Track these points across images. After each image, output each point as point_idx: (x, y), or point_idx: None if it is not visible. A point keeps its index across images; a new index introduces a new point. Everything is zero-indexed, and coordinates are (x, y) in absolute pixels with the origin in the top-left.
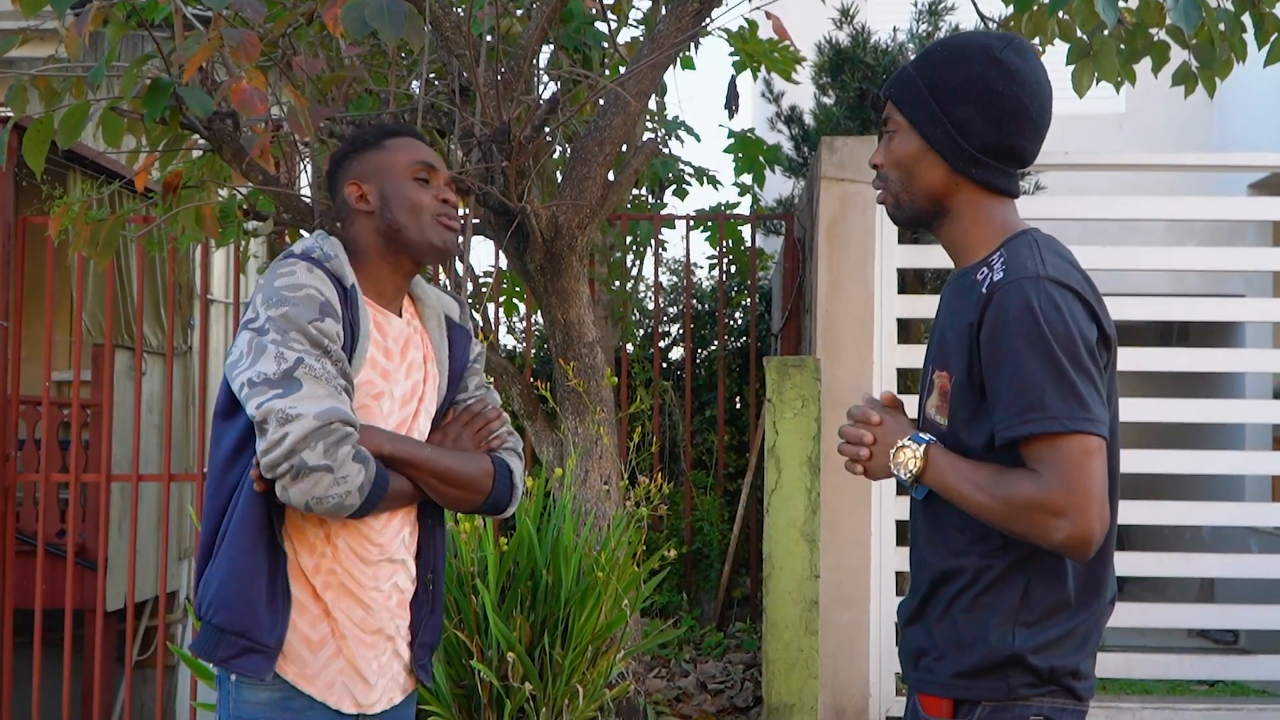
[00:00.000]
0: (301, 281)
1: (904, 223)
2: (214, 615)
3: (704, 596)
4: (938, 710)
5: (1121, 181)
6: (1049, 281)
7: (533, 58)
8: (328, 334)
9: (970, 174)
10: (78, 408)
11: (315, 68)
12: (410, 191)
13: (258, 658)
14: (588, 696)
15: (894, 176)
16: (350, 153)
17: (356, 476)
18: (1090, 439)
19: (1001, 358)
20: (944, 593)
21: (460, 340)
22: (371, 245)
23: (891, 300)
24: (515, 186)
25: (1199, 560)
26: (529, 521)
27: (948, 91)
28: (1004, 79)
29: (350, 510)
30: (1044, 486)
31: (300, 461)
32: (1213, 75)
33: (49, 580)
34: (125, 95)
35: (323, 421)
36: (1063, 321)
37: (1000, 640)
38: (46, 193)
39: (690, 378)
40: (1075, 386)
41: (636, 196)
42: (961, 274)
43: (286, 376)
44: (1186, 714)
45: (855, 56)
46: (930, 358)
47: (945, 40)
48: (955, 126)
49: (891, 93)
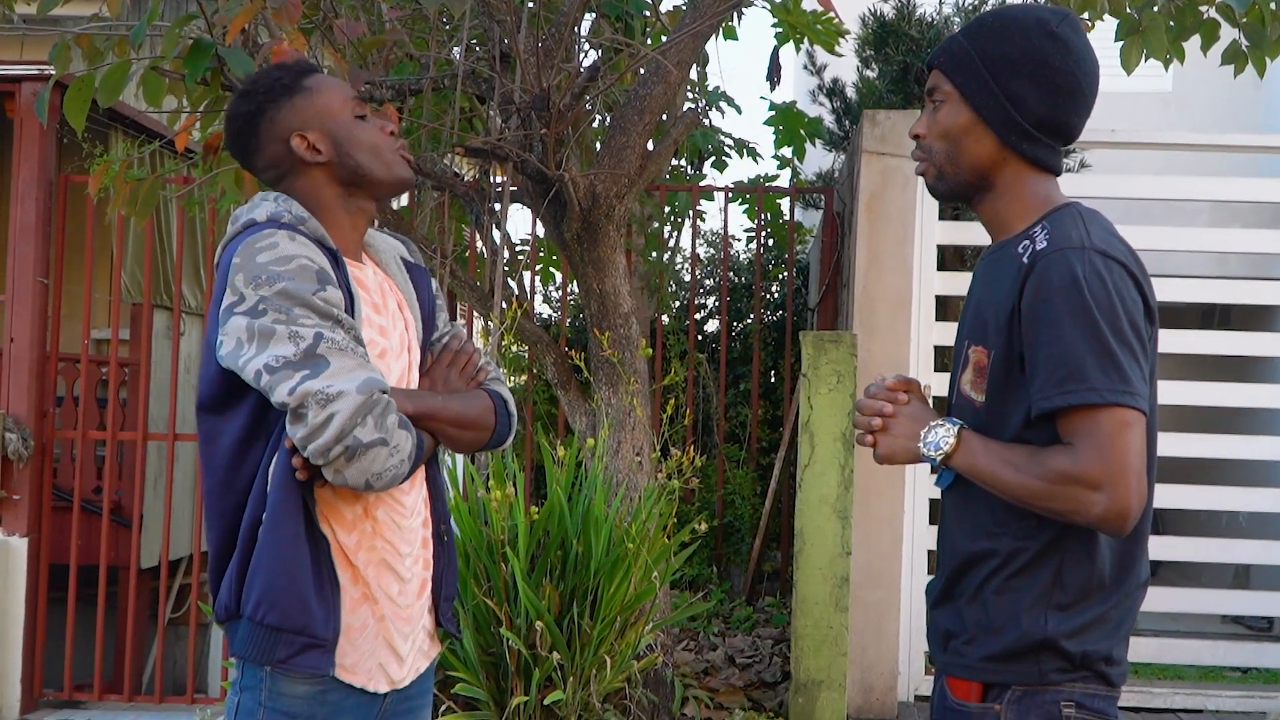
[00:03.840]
0: (289, 252)
1: (945, 196)
2: (266, 615)
3: (734, 570)
4: (966, 693)
5: (1167, 161)
6: (1094, 252)
7: (574, 25)
8: (333, 303)
9: (1020, 148)
10: (115, 366)
11: (356, 31)
12: (362, 133)
13: (318, 653)
14: (615, 667)
15: (939, 148)
16: (268, 104)
17: (407, 444)
18: (1129, 412)
19: (1042, 327)
20: (974, 575)
21: (422, 279)
22: (330, 196)
23: (930, 277)
24: (554, 154)
25: (1235, 546)
26: (560, 491)
27: (1003, 63)
28: (1061, 54)
29: (402, 480)
30: (1080, 460)
31: (355, 440)
32: (1263, 55)
33: (84, 536)
34: (167, 55)
35: (365, 395)
36: (1106, 293)
37: (1032, 624)
38: (87, 151)
39: (725, 350)
40: (1116, 358)
41: (675, 167)
42: (999, 247)
43: (310, 355)
44: (1219, 700)
45: (900, 29)
46: (965, 332)
47: (998, 11)
48: (1009, 99)
49: (941, 62)
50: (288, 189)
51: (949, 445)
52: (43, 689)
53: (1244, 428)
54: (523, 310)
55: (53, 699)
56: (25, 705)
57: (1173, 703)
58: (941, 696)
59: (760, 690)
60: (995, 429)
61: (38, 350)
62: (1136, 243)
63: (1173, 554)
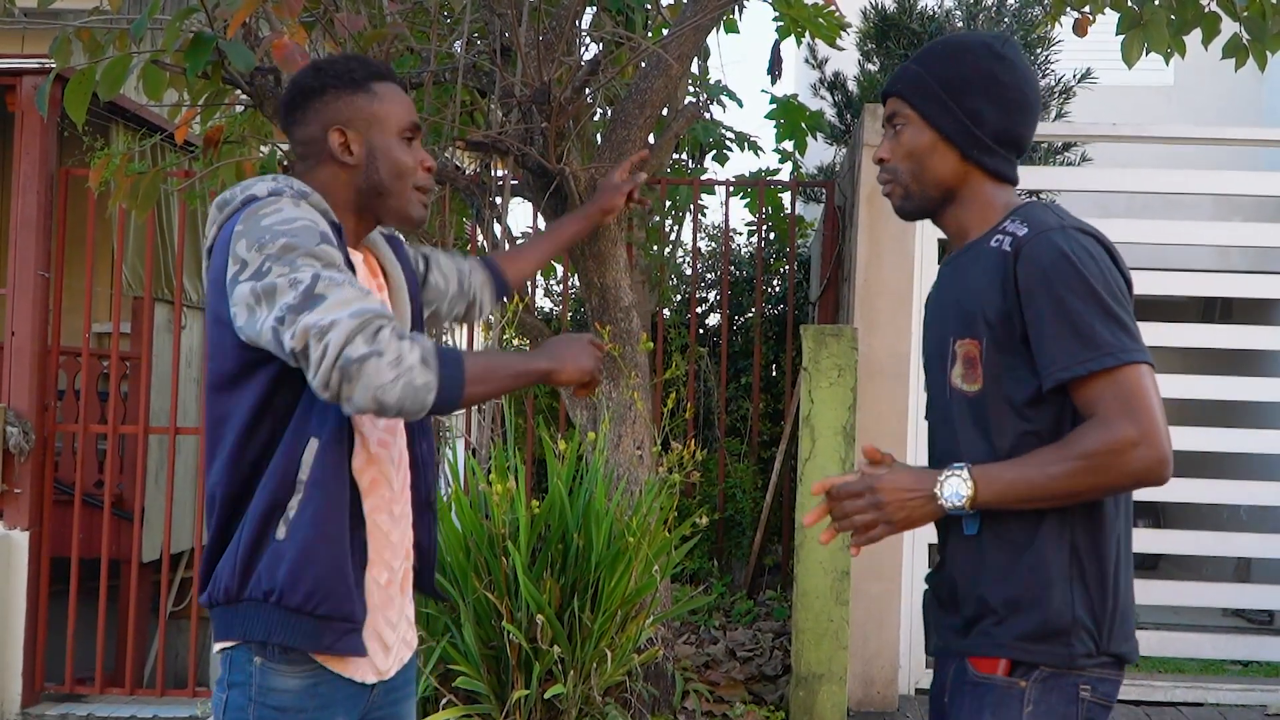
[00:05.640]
0: (293, 215)
1: (911, 214)
2: (319, 605)
3: (735, 564)
4: (992, 668)
5: (1168, 155)
6: (1074, 230)
7: (575, 18)
8: (335, 258)
9: (982, 161)
10: (117, 360)
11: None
12: (400, 153)
13: (355, 637)
14: (616, 661)
15: (904, 168)
16: (330, 87)
17: (411, 352)
18: (1143, 367)
19: (1044, 304)
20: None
21: (401, 249)
22: (344, 197)
23: (931, 271)
24: (554, 148)
25: (1236, 539)
26: (561, 485)
27: (959, 84)
28: (1009, 72)
29: (432, 394)
30: (1111, 424)
31: (345, 359)
32: (1264, 49)
33: (85, 530)
34: (168, 49)
35: (358, 319)
36: (1096, 263)
37: (1061, 602)
38: (88, 144)
39: (726, 344)
40: (1121, 319)
41: (676, 161)
42: (968, 248)
43: (309, 295)
44: (1219, 694)
45: (901, 23)
46: (946, 330)
47: (945, 40)
48: (968, 116)
49: (898, 88)
50: (309, 174)
51: (969, 488)
52: (44, 682)
53: (1245, 421)
54: (523, 304)
55: (54, 692)
56: (26, 698)
57: (1174, 696)
58: (959, 678)
59: (761, 683)
60: (994, 410)
61: (39, 344)
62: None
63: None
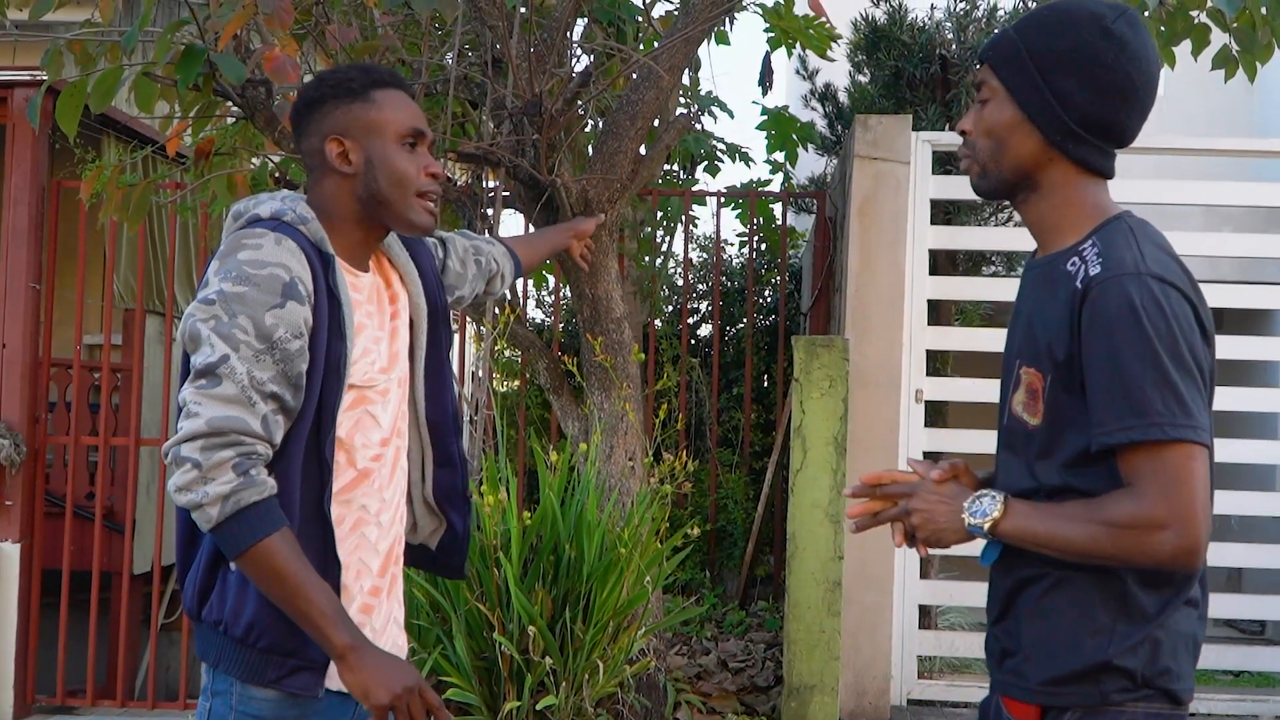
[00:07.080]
0: (267, 258)
1: (988, 194)
2: (258, 639)
3: (727, 574)
4: (1024, 715)
5: (1159, 165)
6: (1150, 278)
7: (566, 30)
8: (285, 322)
9: (1066, 148)
10: (108, 371)
11: (348, 37)
12: (399, 161)
13: (309, 675)
14: (608, 672)
15: (983, 145)
16: (330, 98)
17: (222, 485)
18: (1193, 447)
19: (1101, 358)
20: (1030, 593)
21: (421, 250)
22: (346, 210)
23: (923, 281)
24: (546, 159)
25: (1227, 549)
26: (553, 496)
27: (1051, 59)
28: (1114, 51)
29: (208, 524)
30: (1144, 501)
31: (176, 451)
32: (1253, 60)
33: (76, 542)
34: (159, 61)
35: (212, 429)
36: (1165, 321)
37: (1094, 644)
38: (80, 156)
39: (718, 355)
40: (1178, 389)
41: (668, 172)
42: (1048, 260)
43: (209, 370)
44: (1211, 704)
45: (891, 34)
46: (1015, 350)
47: (1053, 5)
48: (1055, 96)
49: (989, 56)
50: (315, 185)
51: (997, 511)
52: (35, 695)
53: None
54: (515, 315)
55: (45, 705)
56: (18, 711)
57: None
58: (996, 713)
59: (753, 694)
60: (1049, 453)
61: (30, 355)
62: None
63: None
